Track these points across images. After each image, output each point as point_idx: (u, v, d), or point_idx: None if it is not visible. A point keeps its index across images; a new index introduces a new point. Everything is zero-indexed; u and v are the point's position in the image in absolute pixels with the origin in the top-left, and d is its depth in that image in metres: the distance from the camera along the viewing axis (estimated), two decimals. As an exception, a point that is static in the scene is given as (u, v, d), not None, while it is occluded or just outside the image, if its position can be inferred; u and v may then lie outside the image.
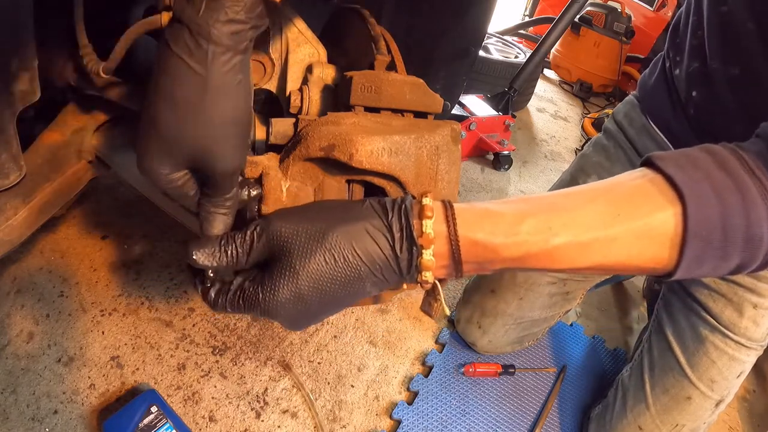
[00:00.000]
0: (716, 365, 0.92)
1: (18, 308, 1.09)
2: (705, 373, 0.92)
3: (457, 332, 1.29)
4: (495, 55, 2.49)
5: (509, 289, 1.12)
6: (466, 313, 1.22)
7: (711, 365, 0.92)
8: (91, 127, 0.94)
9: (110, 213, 1.37)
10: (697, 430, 0.98)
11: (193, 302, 1.19)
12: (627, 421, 1.01)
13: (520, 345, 1.23)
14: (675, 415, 0.96)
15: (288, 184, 0.61)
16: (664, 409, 0.97)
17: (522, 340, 1.21)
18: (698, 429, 0.97)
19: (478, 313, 1.18)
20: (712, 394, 0.93)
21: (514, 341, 1.20)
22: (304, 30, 0.72)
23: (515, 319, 1.14)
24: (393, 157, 0.57)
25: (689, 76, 0.88)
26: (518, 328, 1.16)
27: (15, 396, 0.95)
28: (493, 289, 1.15)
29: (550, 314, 1.17)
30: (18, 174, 0.70)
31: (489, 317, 1.15)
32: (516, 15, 3.88)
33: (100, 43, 0.69)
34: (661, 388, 0.98)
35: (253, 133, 0.75)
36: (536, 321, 1.16)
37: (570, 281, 1.11)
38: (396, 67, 0.69)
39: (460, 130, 0.66)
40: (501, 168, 2.10)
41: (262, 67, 0.71)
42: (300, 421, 1.02)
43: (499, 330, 1.16)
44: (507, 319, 1.14)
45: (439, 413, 1.10)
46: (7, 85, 0.61)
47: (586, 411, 1.19)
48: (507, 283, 1.12)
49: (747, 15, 0.76)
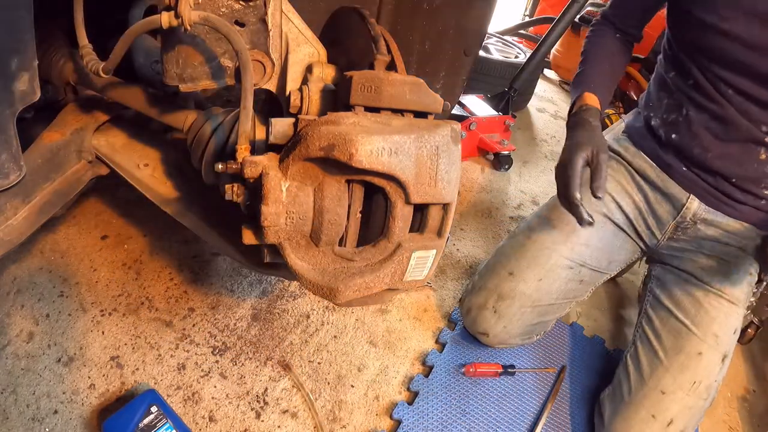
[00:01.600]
0: (716, 321, 1.06)
1: (18, 308, 1.09)
2: (708, 328, 1.06)
3: (460, 328, 1.29)
4: (495, 55, 2.49)
5: (530, 269, 1.16)
6: (479, 300, 1.21)
7: (712, 321, 1.06)
8: (91, 127, 0.94)
9: (110, 213, 1.37)
10: (711, 387, 1.05)
11: (193, 302, 1.19)
12: (648, 388, 1.05)
13: (529, 338, 1.25)
14: (691, 373, 1.03)
15: (288, 184, 0.61)
16: (680, 369, 1.04)
17: (533, 330, 1.22)
18: (711, 387, 1.05)
19: (494, 297, 1.18)
20: (718, 347, 1.05)
21: (526, 329, 1.20)
22: (304, 30, 0.72)
23: (533, 302, 1.16)
24: (393, 156, 0.57)
25: (667, 125, 1.11)
26: (533, 313, 1.18)
27: (15, 396, 0.95)
28: (512, 272, 1.18)
29: (563, 302, 1.21)
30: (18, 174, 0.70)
31: (507, 300, 1.17)
32: (516, 15, 3.88)
33: (100, 43, 0.69)
34: (674, 350, 1.06)
35: (253, 132, 0.75)
36: (550, 307, 1.19)
37: (585, 269, 1.18)
38: (396, 67, 0.69)
39: (460, 130, 0.66)
40: (501, 168, 2.10)
41: (262, 67, 0.71)
42: (300, 421, 1.02)
43: (516, 313, 1.17)
44: (525, 300, 1.16)
45: (440, 413, 1.10)
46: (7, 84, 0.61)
47: (591, 403, 1.22)
48: (528, 263, 1.17)
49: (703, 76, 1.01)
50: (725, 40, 0.93)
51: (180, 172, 0.97)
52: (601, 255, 1.20)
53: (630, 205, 1.19)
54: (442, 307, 1.37)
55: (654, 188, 1.16)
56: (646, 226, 1.20)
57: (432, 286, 1.43)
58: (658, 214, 1.17)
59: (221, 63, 0.68)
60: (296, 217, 0.61)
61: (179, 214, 0.92)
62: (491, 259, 1.27)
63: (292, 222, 0.62)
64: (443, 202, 0.64)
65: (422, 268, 0.67)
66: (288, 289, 1.29)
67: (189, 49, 0.65)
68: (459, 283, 1.46)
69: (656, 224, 1.18)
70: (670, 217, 1.15)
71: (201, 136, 0.83)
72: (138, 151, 0.98)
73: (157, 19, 0.56)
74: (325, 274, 0.65)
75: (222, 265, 1.30)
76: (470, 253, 1.59)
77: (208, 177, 0.83)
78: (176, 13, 0.54)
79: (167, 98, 0.91)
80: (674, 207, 1.14)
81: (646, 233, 1.20)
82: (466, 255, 1.58)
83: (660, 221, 1.18)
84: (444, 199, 0.62)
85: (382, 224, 0.64)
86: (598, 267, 1.21)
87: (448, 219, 0.65)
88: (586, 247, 1.17)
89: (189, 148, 0.87)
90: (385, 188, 0.60)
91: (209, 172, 0.82)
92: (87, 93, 0.97)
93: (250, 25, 0.67)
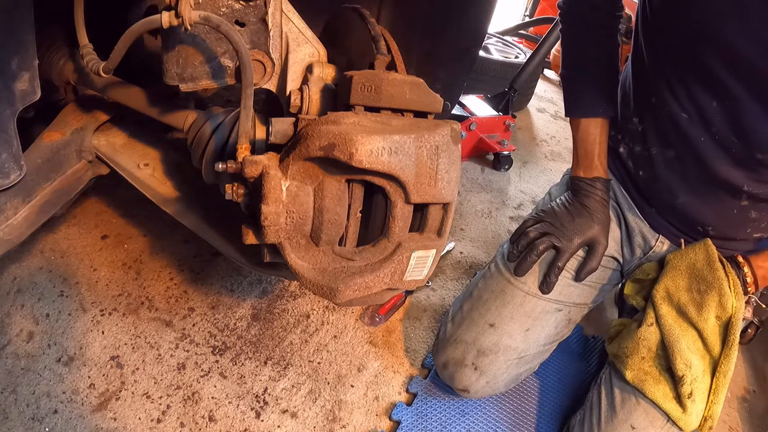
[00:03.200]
0: None
1: (18, 308, 1.09)
2: None
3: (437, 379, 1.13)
4: (495, 55, 2.49)
5: (515, 320, 1.02)
6: (455, 355, 1.05)
7: None
8: (91, 126, 0.95)
9: (110, 213, 1.37)
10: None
11: (193, 302, 1.19)
12: (618, 420, 0.95)
13: (514, 382, 1.09)
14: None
15: (288, 184, 0.61)
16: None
17: (519, 378, 1.08)
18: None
19: (473, 353, 1.03)
20: None
21: (512, 379, 1.07)
22: (304, 30, 0.72)
23: (519, 353, 1.02)
24: (393, 156, 0.57)
25: (633, 157, 1.01)
26: (520, 364, 1.04)
27: (15, 396, 0.95)
28: (493, 323, 1.03)
29: (551, 345, 1.08)
30: (18, 173, 0.70)
31: (489, 355, 1.02)
32: (516, 15, 3.88)
33: (100, 43, 0.69)
34: None
35: (253, 132, 0.75)
36: (537, 354, 1.06)
37: (574, 308, 1.06)
38: (396, 66, 0.69)
39: (460, 130, 0.66)
40: (501, 168, 2.10)
41: (262, 67, 0.71)
42: (300, 421, 1.02)
43: (500, 368, 1.02)
44: (511, 354, 1.02)
45: (438, 414, 1.10)
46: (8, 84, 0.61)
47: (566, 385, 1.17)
48: (512, 313, 1.02)
49: (677, 105, 0.88)
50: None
51: (180, 171, 0.97)
52: (591, 291, 1.08)
53: (613, 241, 1.07)
54: (441, 308, 1.37)
55: (625, 221, 1.06)
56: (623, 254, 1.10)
57: (432, 286, 1.43)
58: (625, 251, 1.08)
59: (221, 63, 0.68)
60: (296, 216, 0.62)
61: (179, 213, 0.92)
62: (465, 303, 1.09)
63: (292, 221, 0.62)
64: (443, 202, 0.64)
65: (422, 268, 0.67)
66: (288, 289, 1.29)
67: (189, 48, 0.66)
68: (459, 283, 1.46)
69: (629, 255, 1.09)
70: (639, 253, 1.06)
71: (201, 135, 0.83)
72: (138, 151, 0.98)
73: (158, 18, 0.56)
74: (325, 273, 0.65)
75: (222, 265, 1.30)
76: (470, 253, 1.59)
77: (208, 176, 0.83)
78: (176, 13, 0.54)
79: (167, 98, 0.91)
80: (641, 247, 1.05)
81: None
82: (466, 255, 1.58)
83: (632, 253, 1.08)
84: (444, 199, 0.62)
85: (382, 224, 0.64)
86: (586, 302, 1.08)
87: (448, 219, 0.66)
88: (574, 287, 1.05)
89: (189, 148, 0.87)
90: (385, 188, 0.60)
91: (209, 172, 0.82)
92: (87, 93, 0.98)
93: (251, 24, 0.67)
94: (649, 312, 0.95)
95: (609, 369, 1.03)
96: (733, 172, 0.86)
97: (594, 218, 1.00)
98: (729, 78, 0.80)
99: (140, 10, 0.90)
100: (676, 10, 0.84)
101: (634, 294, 1.02)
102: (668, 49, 0.88)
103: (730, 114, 0.82)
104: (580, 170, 1.04)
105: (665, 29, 0.89)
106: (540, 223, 1.03)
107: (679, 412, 0.90)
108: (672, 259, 0.95)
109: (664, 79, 0.89)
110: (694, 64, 0.83)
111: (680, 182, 0.94)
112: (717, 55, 0.79)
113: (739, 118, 0.81)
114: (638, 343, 0.94)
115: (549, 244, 0.99)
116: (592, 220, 1.00)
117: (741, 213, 0.92)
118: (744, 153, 0.84)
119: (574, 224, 1.00)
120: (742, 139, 0.83)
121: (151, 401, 0.99)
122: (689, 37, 0.83)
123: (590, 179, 1.02)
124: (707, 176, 0.89)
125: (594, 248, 1.01)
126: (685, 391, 0.89)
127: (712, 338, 0.90)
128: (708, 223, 0.95)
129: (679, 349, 0.89)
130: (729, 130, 0.83)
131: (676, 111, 0.88)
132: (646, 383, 0.92)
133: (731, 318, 0.89)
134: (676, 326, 0.91)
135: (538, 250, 0.99)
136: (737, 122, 0.82)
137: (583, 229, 0.99)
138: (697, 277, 0.91)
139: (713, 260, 0.90)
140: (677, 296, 0.93)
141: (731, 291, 0.89)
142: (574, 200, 1.03)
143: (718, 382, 0.90)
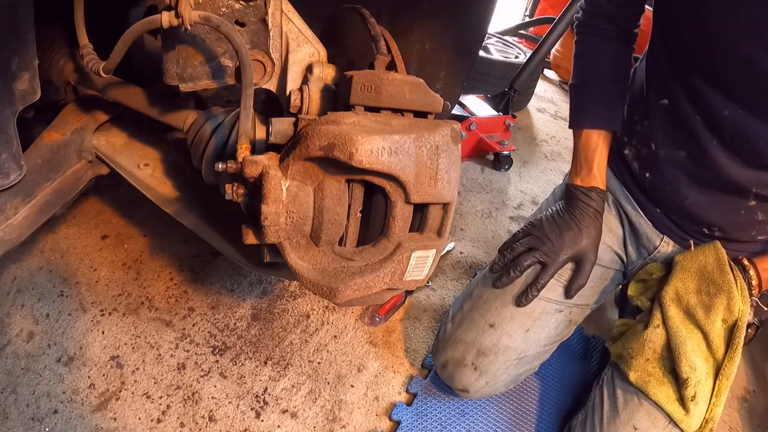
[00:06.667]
0: None
1: (18, 308, 1.09)
2: None
3: (436, 379, 1.13)
4: (495, 55, 2.49)
5: (515, 320, 1.02)
6: (455, 355, 1.05)
7: None
8: (91, 126, 0.95)
9: (110, 213, 1.37)
10: None
11: (193, 302, 1.19)
12: (620, 420, 0.95)
13: (514, 382, 1.09)
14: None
15: (288, 184, 0.61)
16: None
17: (519, 378, 1.08)
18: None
19: (472, 353, 1.03)
20: None
21: (512, 380, 1.06)
22: (304, 30, 0.72)
23: (519, 354, 1.02)
24: (393, 156, 0.57)
25: (640, 158, 1.01)
26: (520, 364, 1.04)
27: (15, 396, 0.95)
28: (493, 323, 1.02)
29: (551, 345, 1.08)
30: (18, 173, 0.70)
31: (489, 355, 1.02)
32: (516, 15, 3.88)
33: (100, 43, 0.69)
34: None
35: (253, 132, 0.75)
36: (537, 355, 1.06)
37: (575, 308, 1.06)
38: (396, 66, 0.69)
39: (460, 130, 0.66)
40: (501, 168, 2.10)
41: (262, 67, 0.71)
42: (300, 421, 1.02)
43: (500, 368, 1.02)
44: (510, 354, 1.02)
45: (438, 414, 1.10)
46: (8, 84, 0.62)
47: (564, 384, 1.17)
48: (512, 313, 1.02)
49: (691, 108, 0.88)
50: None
51: (180, 171, 0.97)
52: (591, 293, 1.07)
53: (616, 240, 1.08)
54: (441, 308, 1.37)
55: (629, 222, 1.07)
56: (627, 254, 1.11)
57: (432, 286, 1.43)
58: (629, 251, 1.09)
59: (221, 63, 0.68)
60: (296, 216, 0.62)
61: (179, 213, 0.92)
62: (465, 303, 1.09)
63: (292, 221, 0.62)
64: (443, 202, 0.64)
65: (422, 268, 0.67)
66: (288, 289, 1.29)
67: (189, 48, 0.66)
68: (459, 283, 1.46)
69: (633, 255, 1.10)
70: (644, 253, 1.06)
71: (201, 135, 0.83)
72: (138, 151, 0.98)
73: (158, 18, 0.56)
74: (325, 273, 0.65)
75: (222, 265, 1.30)
76: (470, 253, 1.59)
77: (208, 177, 0.83)
78: (176, 13, 0.54)
79: (167, 98, 0.91)
80: (645, 247, 1.06)
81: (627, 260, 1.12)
82: (466, 255, 1.58)
83: (636, 254, 1.09)
84: (444, 199, 0.62)
85: (382, 224, 0.64)
86: (587, 303, 1.08)
87: (448, 219, 0.66)
88: None
89: (189, 148, 0.87)
90: (385, 188, 0.60)
91: (209, 172, 0.82)
92: (87, 93, 0.98)
93: (251, 24, 0.67)
94: (656, 313, 0.95)
95: (611, 369, 1.02)
96: (742, 174, 0.87)
97: (583, 233, 0.99)
98: (743, 89, 0.81)
99: (140, 10, 0.91)
100: (696, 25, 0.85)
101: (638, 294, 1.02)
102: (687, 58, 0.89)
103: (742, 123, 0.83)
104: (578, 178, 1.03)
105: (685, 39, 0.89)
106: (527, 237, 1.02)
107: (681, 414, 0.90)
108: (681, 261, 0.94)
109: (679, 83, 0.90)
110: (713, 74, 0.84)
111: (689, 183, 0.94)
112: (737, 69, 0.80)
113: (748, 126, 0.83)
114: (644, 345, 0.94)
115: (534, 261, 0.99)
116: (581, 234, 0.99)
117: (748, 214, 0.92)
118: (753, 158, 0.85)
119: (562, 239, 0.99)
120: (751, 148, 0.84)
121: (151, 401, 0.99)
122: (708, 49, 0.84)
123: (586, 188, 1.01)
124: (717, 177, 0.90)
125: (581, 264, 1.01)
126: (688, 393, 0.88)
127: (717, 341, 0.90)
128: (715, 224, 0.95)
129: (685, 352, 0.89)
130: (739, 137, 0.85)
131: (689, 113, 0.89)
132: (650, 384, 0.92)
133: (737, 321, 0.89)
134: (683, 328, 0.91)
135: (522, 266, 0.99)
136: (746, 132, 0.83)
137: (570, 245, 0.98)
138: (707, 279, 0.91)
139: (723, 263, 0.90)
140: (686, 298, 0.92)
141: (739, 294, 0.89)
142: (565, 212, 1.02)
143: (721, 384, 0.90)
